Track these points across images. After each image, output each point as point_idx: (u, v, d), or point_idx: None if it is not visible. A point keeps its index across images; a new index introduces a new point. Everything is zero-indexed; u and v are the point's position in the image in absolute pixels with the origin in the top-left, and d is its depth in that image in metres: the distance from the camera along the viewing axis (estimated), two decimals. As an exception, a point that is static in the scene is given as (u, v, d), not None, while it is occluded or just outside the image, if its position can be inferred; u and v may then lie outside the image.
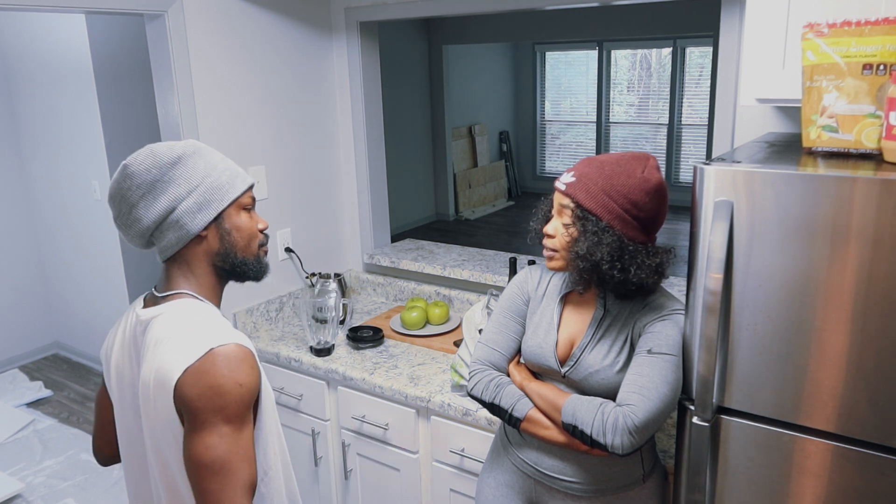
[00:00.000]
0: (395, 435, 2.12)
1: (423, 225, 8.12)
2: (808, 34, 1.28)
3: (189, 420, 1.11)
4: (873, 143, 1.25)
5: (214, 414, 1.09)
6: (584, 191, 1.36)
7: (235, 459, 1.10)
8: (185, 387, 1.10)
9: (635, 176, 1.35)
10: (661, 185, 1.38)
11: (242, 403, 1.12)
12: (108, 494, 3.07)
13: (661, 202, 1.39)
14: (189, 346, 1.12)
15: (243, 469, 1.11)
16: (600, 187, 1.35)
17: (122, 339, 1.27)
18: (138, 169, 1.18)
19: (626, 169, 1.36)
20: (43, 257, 4.62)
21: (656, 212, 1.39)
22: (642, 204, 1.35)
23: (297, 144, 2.65)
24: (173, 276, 1.24)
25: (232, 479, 1.09)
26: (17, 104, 4.35)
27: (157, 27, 2.18)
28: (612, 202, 1.35)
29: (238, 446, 1.11)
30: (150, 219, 1.20)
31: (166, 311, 1.20)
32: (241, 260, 1.27)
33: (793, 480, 1.31)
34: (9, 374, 4.32)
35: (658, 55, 8.94)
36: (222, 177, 1.24)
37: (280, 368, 2.37)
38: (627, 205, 1.35)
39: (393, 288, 2.79)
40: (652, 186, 1.36)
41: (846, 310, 1.19)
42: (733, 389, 1.34)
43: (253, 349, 1.18)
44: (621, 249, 1.35)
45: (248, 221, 1.28)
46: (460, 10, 2.40)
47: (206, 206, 1.21)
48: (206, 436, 1.09)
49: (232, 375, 1.11)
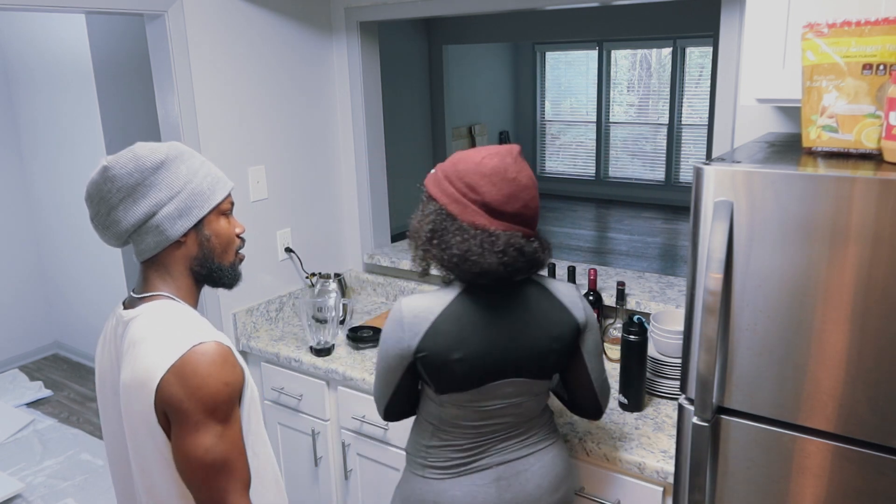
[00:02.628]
0: (395, 435, 2.12)
1: (424, 225, 8.11)
2: (808, 34, 1.28)
3: (179, 421, 1.11)
4: (873, 143, 1.25)
5: (206, 416, 1.10)
6: (432, 179, 1.44)
7: (233, 457, 1.14)
8: (171, 387, 1.10)
9: (473, 160, 1.39)
10: (498, 169, 1.37)
11: (231, 402, 1.14)
12: (108, 494, 3.07)
13: (503, 185, 1.36)
14: (168, 345, 1.13)
15: (242, 464, 1.15)
16: (444, 175, 1.42)
17: (103, 341, 1.28)
18: (120, 172, 1.17)
19: (469, 156, 1.41)
20: (43, 257, 4.62)
21: (498, 194, 1.36)
22: (478, 186, 1.36)
23: (298, 144, 2.65)
24: (150, 278, 1.25)
25: (235, 475, 1.13)
26: (17, 104, 4.35)
27: (157, 27, 2.18)
28: (451, 186, 1.39)
29: (233, 443, 1.14)
30: (129, 222, 1.19)
31: (144, 312, 1.20)
32: (217, 266, 1.28)
33: (793, 480, 1.31)
34: (9, 374, 4.32)
35: (658, 55, 8.95)
36: (203, 183, 1.24)
37: (280, 368, 2.37)
38: (464, 188, 1.38)
39: (393, 288, 2.79)
40: (487, 170, 1.36)
41: (846, 310, 1.19)
42: (733, 389, 1.34)
43: (232, 346, 1.19)
44: (443, 227, 1.38)
45: (226, 227, 1.29)
46: (460, 10, 2.40)
47: (187, 213, 1.21)
48: (201, 437, 1.10)
49: (216, 374, 1.12)
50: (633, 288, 2.30)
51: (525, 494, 1.51)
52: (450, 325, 1.40)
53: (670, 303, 2.16)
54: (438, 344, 1.39)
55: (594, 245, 7.52)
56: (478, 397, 1.44)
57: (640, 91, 9.19)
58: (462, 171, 1.39)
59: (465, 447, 1.49)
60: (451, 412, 1.47)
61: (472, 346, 1.40)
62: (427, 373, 1.42)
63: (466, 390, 1.43)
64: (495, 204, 1.37)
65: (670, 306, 2.13)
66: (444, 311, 1.40)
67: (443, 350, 1.39)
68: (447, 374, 1.41)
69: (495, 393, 1.45)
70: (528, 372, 1.45)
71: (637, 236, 7.73)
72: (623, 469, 1.71)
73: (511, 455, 1.51)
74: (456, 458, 1.49)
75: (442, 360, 1.39)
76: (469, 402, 1.44)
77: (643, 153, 9.28)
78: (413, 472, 1.54)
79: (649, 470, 1.66)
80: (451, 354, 1.39)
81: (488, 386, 1.43)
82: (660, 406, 1.92)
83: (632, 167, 9.41)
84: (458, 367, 1.39)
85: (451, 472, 1.49)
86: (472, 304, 1.41)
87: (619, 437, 1.76)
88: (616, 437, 1.76)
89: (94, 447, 3.48)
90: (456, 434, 1.48)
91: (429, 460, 1.50)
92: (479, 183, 1.37)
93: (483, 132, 9.02)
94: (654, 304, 2.17)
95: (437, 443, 1.50)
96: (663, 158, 9.08)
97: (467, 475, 1.49)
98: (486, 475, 1.49)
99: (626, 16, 6.93)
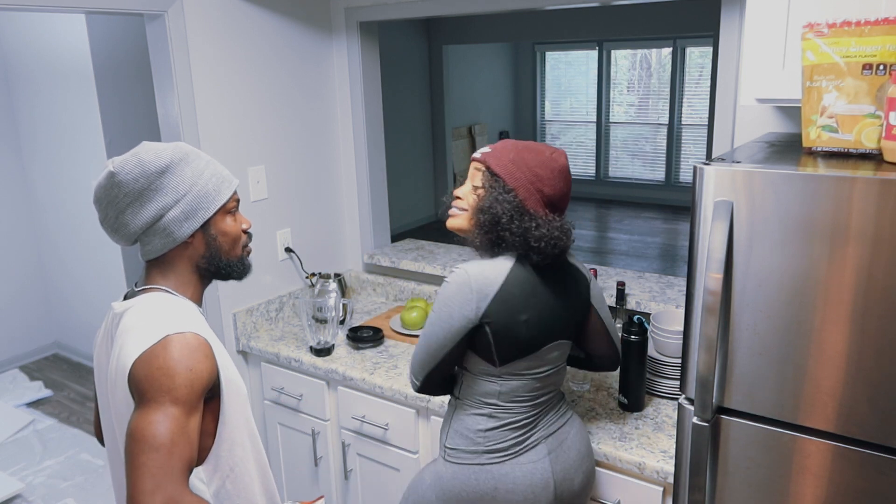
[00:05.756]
0: (395, 435, 2.12)
1: (423, 225, 8.12)
2: (808, 34, 1.28)
3: (137, 399, 1.11)
4: (873, 143, 1.25)
5: (162, 394, 1.09)
6: (495, 159, 1.52)
7: (179, 440, 1.08)
8: (137, 369, 1.11)
9: (543, 154, 1.52)
10: (565, 168, 1.53)
11: (192, 389, 1.11)
12: (109, 494, 3.07)
13: (564, 183, 1.52)
14: (146, 333, 1.14)
15: (184, 451, 1.08)
16: (510, 158, 1.51)
17: (101, 333, 1.31)
18: (126, 178, 1.18)
19: (536, 149, 1.53)
20: (43, 257, 4.62)
21: (559, 190, 1.51)
22: (546, 178, 1.49)
23: (298, 144, 2.65)
24: (151, 273, 1.27)
25: (171, 457, 1.06)
26: (17, 104, 4.35)
27: (157, 27, 2.18)
28: (519, 171, 1.49)
29: (183, 430, 1.09)
30: (137, 225, 1.21)
31: (136, 303, 1.23)
32: (225, 262, 1.30)
33: (793, 480, 1.31)
34: (9, 374, 4.32)
35: (658, 55, 8.95)
36: (209, 184, 1.25)
37: (280, 368, 2.37)
38: (532, 176, 1.49)
39: (393, 288, 2.80)
40: (557, 166, 1.51)
41: (846, 309, 1.19)
42: (733, 389, 1.34)
43: (212, 342, 1.19)
44: (521, 212, 1.47)
45: (233, 225, 1.31)
46: (460, 10, 2.40)
47: (193, 215, 1.23)
48: (151, 412, 1.08)
49: (182, 360, 1.11)
50: (633, 288, 2.30)
51: (570, 462, 1.58)
52: (517, 289, 1.48)
53: (670, 303, 2.16)
54: (508, 306, 1.46)
55: (594, 245, 7.52)
56: (535, 363, 1.52)
57: (640, 91, 9.19)
58: (531, 161, 1.50)
59: (521, 423, 1.54)
60: (511, 385, 1.52)
61: (537, 308, 1.49)
62: (494, 337, 1.47)
63: (526, 355, 1.50)
64: (555, 198, 1.51)
65: (670, 306, 2.13)
66: (509, 276, 1.48)
67: (512, 312, 1.46)
68: (512, 337, 1.47)
69: (547, 357, 1.54)
70: (567, 332, 1.57)
71: (637, 236, 7.73)
72: (623, 469, 1.71)
73: (554, 426, 1.59)
74: (513, 437, 1.53)
75: (511, 322, 1.47)
76: (527, 369, 1.52)
77: (643, 153, 9.28)
78: (464, 464, 1.54)
79: (649, 470, 1.66)
80: (519, 316, 1.47)
81: (544, 349, 1.52)
82: (660, 406, 1.92)
83: (632, 167, 9.41)
84: (524, 329, 1.48)
85: (510, 452, 1.53)
86: (528, 272, 1.51)
87: (618, 437, 1.76)
88: (616, 437, 1.77)
89: (94, 447, 3.48)
90: (514, 410, 1.53)
91: (487, 444, 1.53)
92: (548, 177, 1.50)
93: (483, 132, 9.02)
94: (654, 304, 2.17)
95: (494, 424, 1.53)
96: (663, 158, 9.08)
97: (525, 453, 1.54)
98: (540, 450, 1.55)
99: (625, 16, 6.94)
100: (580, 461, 1.60)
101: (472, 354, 1.51)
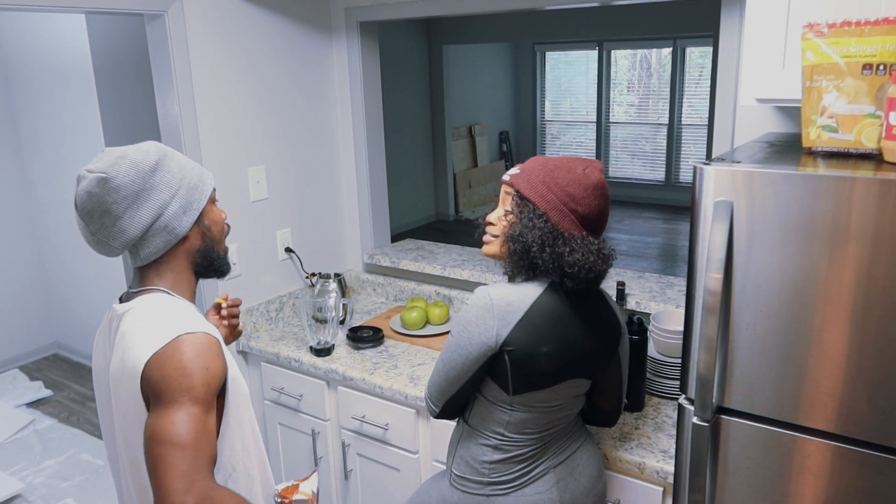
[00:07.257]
0: (395, 435, 2.12)
1: (424, 225, 8.12)
2: (808, 34, 1.28)
3: (155, 400, 1.10)
4: (873, 143, 1.25)
5: (182, 394, 1.09)
6: (525, 181, 1.44)
7: (202, 438, 1.09)
8: (152, 370, 1.11)
9: (575, 172, 1.42)
10: (600, 184, 1.43)
11: (209, 388, 1.12)
12: (109, 494, 3.07)
13: (601, 200, 1.42)
14: (156, 334, 1.14)
15: (208, 448, 1.09)
16: (541, 179, 1.42)
17: (99, 337, 1.31)
18: (123, 181, 1.17)
19: (568, 166, 1.43)
20: (43, 257, 4.62)
21: (595, 208, 1.42)
22: (580, 198, 1.40)
23: (297, 144, 2.65)
24: (147, 275, 1.27)
25: (198, 455, 1.07)
26: (17, 104, 4.35)
27: (157, 27, 2.18)
28: (551, 193, 1.41)
29: (205, 427, 1.10)
30: (136, 228, 1.20)
31: (136, 304, 1.22)
32: (216, 254, 1.32)
33: (793, 480, 1.31)
34: (9, 374, 4.32)
35: (658, 55, 8.95)
36: (194, 175, 1.27)
37: (280, 368, 2.37)
38: (565, 197, 1.40)
39: (393, 288, 2.79)
40: (591, 183, 1.41)
41: (846, 310, 1.19)
42: (733, 389, 1.34)
43: (221, 340, 1.20)
44: (553, 236, 1.39)
45: (219, 213, 1.34)
46: (460, 10, 2.40)
47: (189, 207, 1.24)
48: (173, 412, 1.08)
49: (198, 359, 1.12)
50: (633, 288, 2.30)
51: (580, 489, 1.53)
52: (542, 319, 1.40)
53: (670, 303, 2.16)
54: (530, 335, 1.38)
55: (594, 245, 7.51)
56: (550, 397, 1.44)
57: (640, 91, 9.19)
58: (562, 181, 1.41)
59: (526, 455, 1.48)
60: (520, 416, 1.45)
61: (560, 341, 1.41)
62: (511, 366, 1.39)
63: (542, 388, 1.42)
64: (591, 217, 1.42)
65: (670, 306, 2.13)
66: (535, 303, 1.40)
67: (534, 342, 1.38)
68: (530, 368, 1.39)
69: (562, 393, 1.45)
70: (588, 371, 1.47)
71: (637, 236, 7.73)
72: (623, 469, 1.71)
73: (564, 454, 1.52)
74: (518, 469, 1.48)
75: (531, 352, 1.38)
76: (540, 402, 1.44)
77: (643, 153, 9.28)
78: (469, 493, 1.50)
79: (649, 470, 1.66)
80: (541, 347, 1.39)
81: (561, 385, 1.44)
82: (660, 406, 1.92)
83: (632, 167, 9.41)
84: (544, 361, 1.39)
85: (515, 484, 1.48)
86: (558, 301, 1.42)
87: (618, 437, 1.76)
88: (616, 437, 1.76)
89: (94, 447, 3.48)
90: (520, 443, 1.47)
91: (492, 476, 1.48)
92: (582, 195, 1.40)
93: (483, 132, 9.02)
94: (654, 304, 2.17)
95: (499, 457, 1.48)
96: (663, 158, 9.08)
97: (531, 484, 1.48)
98: (547, 480, 1.49)
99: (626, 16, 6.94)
100: (592, 485, 1.55)
101: (488, 378, 1.45)
